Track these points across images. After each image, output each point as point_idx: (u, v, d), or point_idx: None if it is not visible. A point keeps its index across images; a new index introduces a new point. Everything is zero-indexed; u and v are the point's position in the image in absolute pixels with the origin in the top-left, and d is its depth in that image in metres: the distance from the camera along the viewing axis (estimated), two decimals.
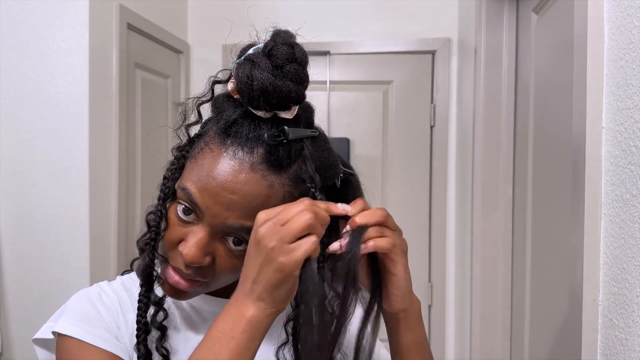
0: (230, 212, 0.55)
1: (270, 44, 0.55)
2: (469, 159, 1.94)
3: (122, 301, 0.67)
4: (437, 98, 2.31)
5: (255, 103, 0.54)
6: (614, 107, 0.74)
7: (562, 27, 1.27)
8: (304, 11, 2.35)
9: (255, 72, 0.53)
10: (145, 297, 0.62)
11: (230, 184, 0.54)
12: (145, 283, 0.62)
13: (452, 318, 2.29)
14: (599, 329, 0.77)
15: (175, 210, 0.58)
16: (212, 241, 0.57)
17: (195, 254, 0.56)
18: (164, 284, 0.60)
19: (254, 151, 0.55)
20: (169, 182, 0.60)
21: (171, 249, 0.59)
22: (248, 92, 0.54)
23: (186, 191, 0.56)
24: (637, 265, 0.66)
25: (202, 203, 0.55)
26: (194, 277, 0.58)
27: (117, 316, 0.65)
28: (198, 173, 0.56)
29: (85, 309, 0.65)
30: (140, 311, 0.61)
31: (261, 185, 0.55)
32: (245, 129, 0.56)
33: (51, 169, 1.69)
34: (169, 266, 0.59)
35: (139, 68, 2.02)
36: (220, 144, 0.56)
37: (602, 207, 0.77)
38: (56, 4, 1.68)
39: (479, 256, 1.78)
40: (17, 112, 1.69)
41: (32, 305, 1.70)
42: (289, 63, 0.54)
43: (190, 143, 0.61)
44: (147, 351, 0.61)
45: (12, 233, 1.71)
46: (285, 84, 0.54)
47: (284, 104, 0.55)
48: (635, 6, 0.68)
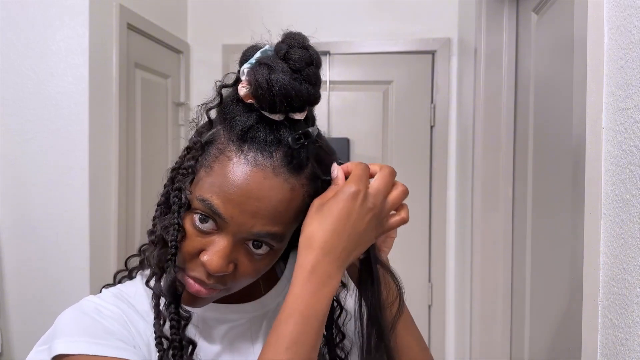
0: (256, 220, 0.54)
1: (284, 47, 0.55)
2: (469, 159, 1.94)
3: (126, 313, 0.61)
4: (437, 98, 2.31)
5: (277, 107, 0.54)
6: (614, 107, 0.74)
7: (562, 27, 1.27)
8: (304, 11, 2.35)
9: (274, 76, 0.53)
10: (176, 313, 0.58)
11: (256, 191, 0.53)
12: (174, 300, 0.58)
13: (452, 318, 2.29)
14: (599, 329, 0.77)
15: (191, 221, 0.56)
16: (234, 248, 0.56)
17: (220, 264, 0.55)
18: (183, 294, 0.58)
19: (274, 155, 0.55)
20: (181, 192, 0.57)
21: (190, 260, 0.57)
22: (269, 98, 0.53)
23: (207, 202, 0.54)
24: (637, 265, 0.66)
25: (227, 214, 0.54)
26: (215, 286, 0.57)
27: (128, 326, 0.60)
28: (218, 183, 0.54)
29: (87, 324, 0.58)
30: (174, 329, 0.58)
31: (285, 189, 0.55)
32: (262, 133, 0.55)
33: (51, 169, 1.69)
34: (185, 276, 0.58)
35: (139, 68, 2.02)
36: (238, 150, 0.55)
37: (602, 207, 0.77)
38: (56, 4, 1.68)
39: (479, 256, 1.78)
40: (17, 112, 1.69)
41: (32, 305, 1.70)
42: (307, 66, 0.54)
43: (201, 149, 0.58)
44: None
45: (12, 233, 1.71)
46: (304, 87, 0.54)
47: (303, 106, 0.55)
48: (635, 6, 0.68)
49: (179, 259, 0.57)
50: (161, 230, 0.58)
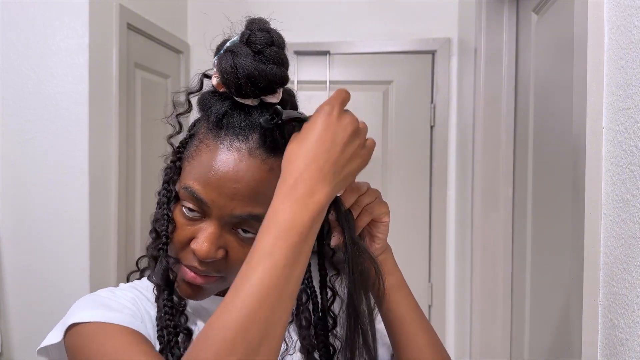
0: (236, 202, 0.55)
1: (247, 32, 0.57)
2: (469, 159, 1.94)
3: (139, 298, 0.65)
4: (437, 98, 2.31)
5: (243, 91, 0.56)
6: (614, 107, 0.74)
7: (562, 27, 1.27)
8: (304, 11, 2.35)
9: (237, 60, 0.55)
10: (170, 300, 0.61)
11: (232, 173, 0.55)
12: (167, 287, 0.61)
13: (452, 318, 2.29)
14: (599, 329, 0.77)
15: (180, 211, 0.59)
16: (222, 234, 0.57)
17: (208, 248, 0.56)
18: (180, 285, 0.60)
19: (249, 138, 0.56)
20: (169, 185, 0.60)
21: (182, 249, 0.59)
22: (235, 82, 0.55)
23: (189, 189, 0.57)
24: (637, 265, 0.66)
25: (207, 197, 0.56)
26: (208, 272, 0.58)
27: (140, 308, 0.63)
28: (198, 169, 0.57)
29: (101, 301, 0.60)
30: (167, 316, 0.61)
31: (262, 169, 0.56)
32: (236, 118, 0.57)
33: (51, 169, 1.69)
34: (181, 266, 0.59)
35: (139, 68, 2.02)
36: (215, 137, 0.57)
37: (602, 207, 0.77)
38: (56, 4, 1.68)
39: (479, 256, 1.78)
40: (17, 112, 1.69)
41: (32, 305, 1.70)
42: (268, 47, 0.56)
43: (183, 145, 0.62)
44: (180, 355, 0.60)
45: (12, 233, 1.71)
46: (268, 67, 0.56)
47: (270, 87, 0.57)
48: (635, 6, 0.68)
49: (173, 251, 0.60)
50: (154, 224, 0.61)
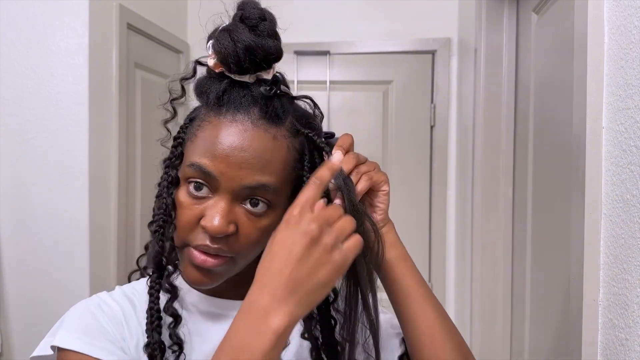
0: (244, 171, 0.56)
1: (240, 12, 0.59)
2: (469, 159, 1.94)
3: (125, 311, 0.64)
4: (437, 98, 2.31)
5: (243, 64, 0.57)
6: (614, 107, 0.74)
7: (562, 27, 1.27)
8: (304, 11, 2.35)
9: (235, 35, 0.57)
10: (157, 283, 0.61)
11: (239, 143, 0.56)
12: (157, 269, 0.61)
13: (452, 318, 2.28)
14: (599, 329, 0.77)
15: (186, 192, 0.59)
16: (232, 208, 0.57)
17: (221, 223, 0.56)
18: (189, 270, 0.59)
19: (250, 111, 0.58)
20: (170, 169, 0.61)
21: (190, 230, 0.58)
22: (234, 56, 0.57)
23: (196, 165, 0.57)
24: (637, 265, 0.66)
25: (216, 170, 0.56)
26: (220, 251, 0.57)
27: (122, 327, 0.63)
28: (203, 146, 0.58)
29: (86, 321, 0.61)
30: (152, 297, 0.61)
31: (266, 138, 0.58)
32: (235, 94, 0.59)
33: (51, 169, 1.69)
34: (190, 249, 0.58)
35: (139, 68, 2.01)
36: (217, 114, 0.59)
37: (602, 207, 0.77)
38: (56, 4, 1.68)
39: (479, 256, 1.78)
40: (17, 112, 1.69)
41: (32, 305, 1.70)
42: (261, 21, 0.58)
43: (183, 130, 0.63)
44: (160, 340, 0.60)
45: (12, 233, 1.71)
46: (265, 40, 0.57)
47: (268, 59, 0.58)
48: (635, 6, 0.68)
49: (179, 236, 0.59)
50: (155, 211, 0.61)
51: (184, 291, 0.67)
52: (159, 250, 0.60)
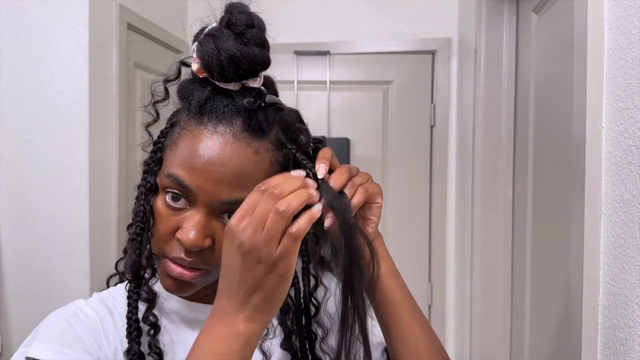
0: (223, 187, 0.54)
1: (227, 16, 0.56)
2: (469, 159, 1.94)
3: (102, 318, 0.63)
4: (437, 98, 2.31)
5: (226, 73, 0.54)
6: (614, 107, 0.74)
7: (562, 27, 1.27)
8: (304, 11, 2.35)
9: (219, 43, 0.54)
10: (135, 293, 0.60)
11: (218, 157, 0.54)
12: (134, 279, 0.60)
13: (452, 318, 2.29)
14: (599, 329, 0.77)
15: (163, 201, 0.57)
16: (209, 222, 0.56)
17: (196, 237, 0.54)
18: (165, 280, 0.58)
19: (233, 122, 0.55)
20: (149, 176, 0.59)
21: (167, 241, 0.57)
22: (217, 65, 0.54)
23: (173, 176, 0.55)
24: (637, 265, 0.66)
25: (193, 183, 0.54)
26: (196, 264, 0.57)
27: (99, 335, 0.61)
28: (182, 156, 0.55)
29: (62, 331, 0.60)
30: (130, 307, 0.60)
31: (248, 152, 0.55)
32: (219, 103, 0.56)
33: (51, 169, 1.69)
34: (167, 260, 0.57)
35: (139, 68, 2.02)
36: (198, 123, 0.56)
37: (602, 207, 0.77)
38: (56, 4, 1.68)
39: (479, 256, 1.78)
40: (17, 112, 1.69)
41: (32, 305, 1.70)
42: (249, 29, 0.55)
43: (163, 135, 0.61)
44: (139, 350, 0.59)
45: (12, 233, 1.71)
46: (251, 49, 0.54)
47: (253, 69, 0.55)
48: (635, 6, 0.68)
49: (156, 245, 0.58)
50: (134, 218, 0.60)
51: (164, 298, 0.66)
52: (135, 259, 0.59)
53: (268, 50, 0.57)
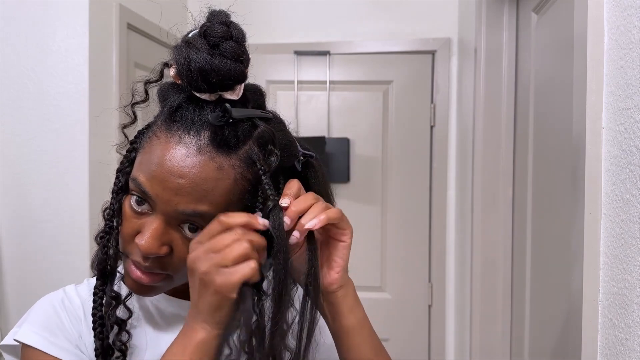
0: (180, 198, 0.54)
1: (206, 24, 0.55)
2: (469, 159, 1.94)
3: (86, 307, 0.66)
4: (437, 98, 2.31)
5: (195, 85, 0.53)
6: (614, 107, 0.74)
7: (562, 27, 1.27)
8: (304, 11, 2.35)
9: (191, 53, 0.53)
10: (100, 290, 0.61)
11: (178, 168, 0.53)
12: (100, 277, 0.61)
13: (452, 318, 2.29)
14: (599, 329, 0.77)
15: (129, 203, 0.58)
16: (167, 230, 0.56)
17: (151, 244, 0.55)
18: (128, 280, 0.59)
19: (200, 134, 0.54)
20: (121, 176, 0.60)
21: (129, 243, 0.58)
22: (187, 75, 0.53)
23: (136, 181, 0.56)
24: (637, 265, 0.66)
25: (152, 191, 0.54)
26: (153, 269, 0.57)
27: (80, 324, 0.64)
28: (147, 162, 0.56)
29: (48, 317, 0.64)
30: (95, 304, 0.61)
31: (209, 167, 0.54)
32: (189, 113, 0.55)
33: (51, 169, 1.69)
34: (129, 261, 0.58)
35: (139, 68, 2.01)
36: (167, 130, 0.56)
37: (602, 207, 0.77)
38: (56, 4, 1.68)
39: (479, 256, 1.78)
40: (17, 112, 1.69)
41: (32, 305, 1.70)
42: (224, 41, 0.53)
43: (139, 135, 0.61)
44: (102, 345, 0.61)
45: (12, 233, 1.71)
46: (223, 62, 0.53)
47: (225, 83, 0.54)
48: (635, 6, 0.68)
49: (121, 244, 0.59)
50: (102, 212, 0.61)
51: None
52: (102, 257, 0.60)
53: (245, 64, 0.55)
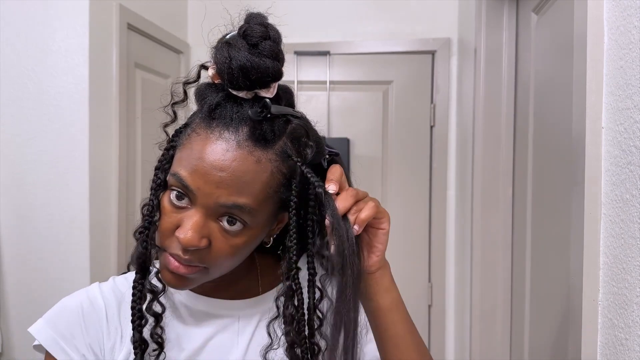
0: (221, 190, 0.56)
1: (244, 26, 0.58)
2: (469, 159, 1.94)
3: (109, 308, 0.68)
4: (437, 98, 2.31)
5: (236, 82, 0.56)
6: (614, 107, 0.74)
7: (562, 27, 1.27)
8: (304, 11, 2.35)
9: (232, 52, 0.56)
10: (140, 284, 0.62)
11: (219, 162, 0.56)
12: (140, 271, 0.62)
13: (452, 318, 2.29)
14: (599, 329, 0.77)
15: (168, 198, 0.60)
16: (207, 223, 0.58)
17: (192, 236, 0.57)
18: (164, 273, 0.61)
19: (239, 130, 0.57)
20: (160, 173, 0.61)
21: (168, 237, 0.59)
22: (228, 73, 0.56)
23: (177, 176, 0.58)
24: (637, 265, 0.66)
25: (193, 184, 0.57)
26: (192, 262, 0.59)
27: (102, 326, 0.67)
28: (187, 157, 0.58)
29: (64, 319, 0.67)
30: (134, 297, 0.62)
31: (249, 161, 0.57)
32: (228, 110, 0.58)
33: (51, 169, 1.69)
34: (167, 254, 0.60)
35: (139, 68, 2.02)
36: (206, 127, 0.58)
37: (602, 207, 0.77)
38: (56, 4, 1.68)
39: (479, 256, 1.78)
40: (17, 112, 1.69)
41: (32, 305, 1.70)
42: (263, 40, 0.57)
43: (177, 134, 0.63)
44: (141, 338, 0.62)
45: (12, 233, 1.71)
46: (262, 60, 0.56)
47: (263, 80, 0.57)
48: (635, 6, 0.68)
49: (159, 239, 0.61)
50: (142, 209, 0.63)
51: (172, 290, 0.68)
52: (142, 251, 0.61)
53: (281, 62, 0.58)
